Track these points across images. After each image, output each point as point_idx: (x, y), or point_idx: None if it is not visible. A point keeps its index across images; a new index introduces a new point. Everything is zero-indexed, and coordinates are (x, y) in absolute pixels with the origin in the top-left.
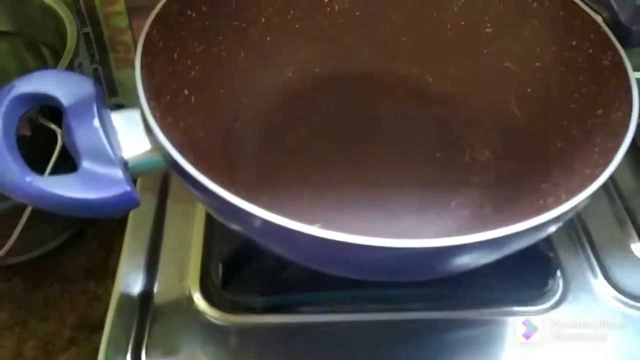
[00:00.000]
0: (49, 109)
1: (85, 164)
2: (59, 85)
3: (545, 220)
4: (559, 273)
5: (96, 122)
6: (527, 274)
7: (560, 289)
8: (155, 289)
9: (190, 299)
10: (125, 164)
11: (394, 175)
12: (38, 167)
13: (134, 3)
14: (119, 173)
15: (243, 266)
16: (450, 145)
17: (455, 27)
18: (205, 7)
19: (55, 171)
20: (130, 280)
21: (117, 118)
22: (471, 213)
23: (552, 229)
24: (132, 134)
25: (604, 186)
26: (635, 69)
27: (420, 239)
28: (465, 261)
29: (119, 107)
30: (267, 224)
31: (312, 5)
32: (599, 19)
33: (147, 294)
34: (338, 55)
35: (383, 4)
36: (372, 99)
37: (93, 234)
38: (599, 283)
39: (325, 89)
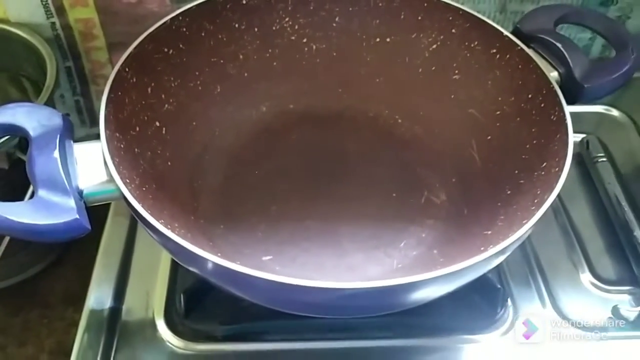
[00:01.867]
0: (27, 144)
1: (41, 192)
2: (29, 117)
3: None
4: (509, 302)
5: (56, 153)
6: (479, 304)
7: (510, 318)
8: (123, 315)
9: (154, 327)
10: (80, 193)
11: (350, 212)
12: (14, 199)
13: (113, 39)
14: (70, 202)
15: (205, 295)
16: (409, 186)
17: (425, 72)
18: (183, 44)
19: None
20: (99, 303)
21: (80, 149)
22: (418, 254)
23: (471, 277)
24: (90, 165)
25: (558, 217)
26: None
27: (336, 282)
28: (398, 301)
29: (99, 136)
30: (198, 258)
31: (291, 45)
32: (555, 74)
33: (114, 319)
34: (312, 93)
35: (359, 47)
36: (340, 137)
37: (71, 261)
38: (547, 312)
39: (296, 125)
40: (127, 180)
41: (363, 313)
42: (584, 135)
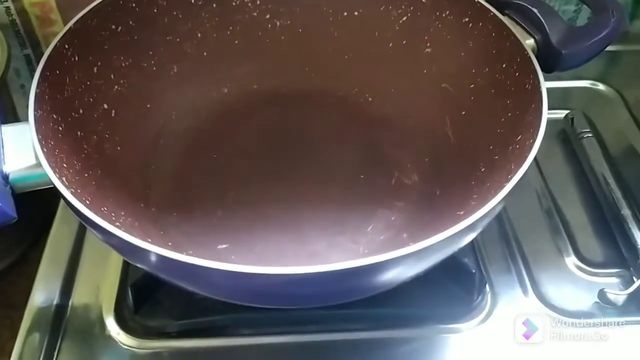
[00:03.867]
0: None
1: None
2: None
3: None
4: (487, 288)
5: None
6: (455, 291)
7: (488, 305)
8: (69, 311)
9: (102, 323)
10: (5, 178)
11: (313, 196)
12: None
13: None
14: None
15: (156, 288)
16: (378, 167)
17: (396, 47)
18: (133, 21)
19: None
20: (45, 300)
21: (8, 131)
22: (386, 239)
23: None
24: (18, 148)
25: (542, 199)
26: None
27: (287, 267)
28: (361, 285)
29: None
30: (131, 247)
31: (253, 22)
32: (531, 41)
33: (60, 317)
34: (278, 72)
35: (326, 22)
36: (307, 118)
37: (37, 259)
38: (528, 298)
39: (260, 107)
40: (65, 165)
41: (322, 302)
42: (568, 111)
